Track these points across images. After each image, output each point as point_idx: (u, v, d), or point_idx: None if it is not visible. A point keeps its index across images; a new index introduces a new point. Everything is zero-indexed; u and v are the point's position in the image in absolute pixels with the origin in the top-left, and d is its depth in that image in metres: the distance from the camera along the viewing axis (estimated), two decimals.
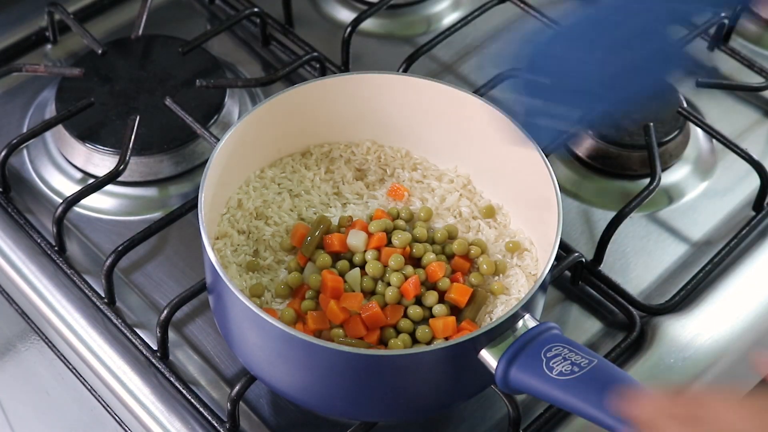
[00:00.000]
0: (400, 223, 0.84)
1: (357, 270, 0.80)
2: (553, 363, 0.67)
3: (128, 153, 0.93)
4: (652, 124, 0.97)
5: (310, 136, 0.88)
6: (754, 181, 0.96)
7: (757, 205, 0.96)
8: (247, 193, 0.85)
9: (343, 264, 0.81)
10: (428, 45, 1.03)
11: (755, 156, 0.96)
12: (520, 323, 0.71)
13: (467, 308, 0.80)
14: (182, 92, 1.00)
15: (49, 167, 0.98)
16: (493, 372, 0.69)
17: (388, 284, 0.80)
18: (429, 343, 0.77)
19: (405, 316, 0.79)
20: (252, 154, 0.84)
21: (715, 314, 0.88)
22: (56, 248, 0.90)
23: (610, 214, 0.91)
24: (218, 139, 0.82)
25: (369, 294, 0.80)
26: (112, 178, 0.92)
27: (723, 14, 1.05)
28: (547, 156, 0.79)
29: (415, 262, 0.83)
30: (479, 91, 0.96)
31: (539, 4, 1.07)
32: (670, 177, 0.98)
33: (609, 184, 0.98)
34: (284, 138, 0.86)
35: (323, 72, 1.04)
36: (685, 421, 0.58)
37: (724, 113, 1.04)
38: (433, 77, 0.85)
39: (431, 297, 0.80)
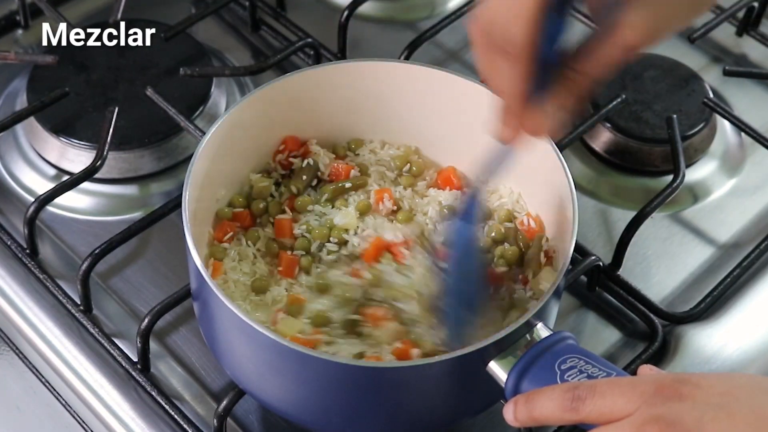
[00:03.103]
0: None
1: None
2: (568, 376, 0.66)
3: (106, 148, 0.93)
4: (675, 115, 0.97)
5: (303, 129, 0.88)
6: None
7: None
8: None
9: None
10: (432, 30, 1.03)
11: None
12: (533, 333, 0.71)
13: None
14: (165, 81, 1.00)
15: (19, 163, 0.98)
16: (503, 386, 0.69)
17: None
18: None
19: None
20: (240, 148, 0.84)
21: (743, 323, 0.88)
22: (28, 251, 0.90)
23: (630, 214, 0.91)
24: (204, 133, 0.82)
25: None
26: (88, 174, 0.92)
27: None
28: (561, 150, 0.79)
29: None
30: None
31: None
32: (695, 173, 0.98)
33: (628, 181, 0.98)
34: (275, 131, 0.87)
35: (318, 60, 1.04)
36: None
37: (754, 104, 1.05)
38: (438, 65, 0.85)
39: None
